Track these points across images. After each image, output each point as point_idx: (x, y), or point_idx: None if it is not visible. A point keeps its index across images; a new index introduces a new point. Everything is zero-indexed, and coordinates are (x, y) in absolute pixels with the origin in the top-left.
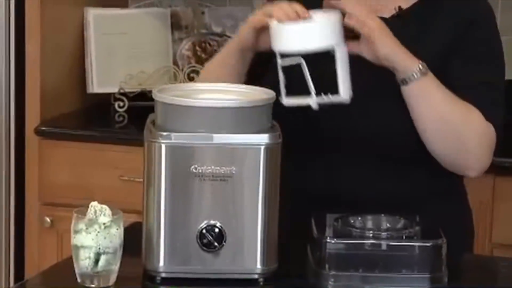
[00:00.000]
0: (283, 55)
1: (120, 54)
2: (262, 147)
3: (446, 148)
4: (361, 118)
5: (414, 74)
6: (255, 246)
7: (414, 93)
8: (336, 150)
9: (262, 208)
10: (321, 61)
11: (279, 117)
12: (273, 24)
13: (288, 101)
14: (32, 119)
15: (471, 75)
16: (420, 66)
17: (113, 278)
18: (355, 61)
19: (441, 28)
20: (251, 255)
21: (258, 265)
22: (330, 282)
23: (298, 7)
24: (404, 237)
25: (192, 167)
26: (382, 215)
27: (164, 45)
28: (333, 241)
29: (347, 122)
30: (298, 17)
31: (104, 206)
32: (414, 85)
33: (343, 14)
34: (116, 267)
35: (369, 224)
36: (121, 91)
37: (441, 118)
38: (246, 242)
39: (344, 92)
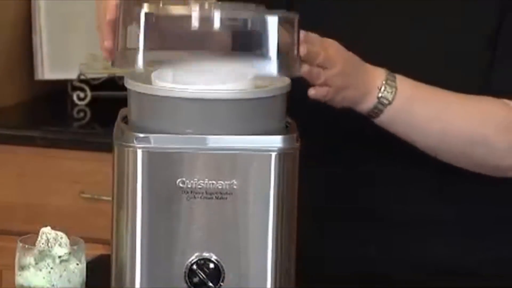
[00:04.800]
0: None
1: (80, 27)
2: (274, 154)
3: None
4: None
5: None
6: (264, 287)
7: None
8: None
9: (274, 235)
10: None
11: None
12: None
13: None
14: None
15: None
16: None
17: None
18: None
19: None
20: None
21: None
22: None
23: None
24: None
25: (179, 180)
26: None
27: None
28: None
29: None
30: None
31: (60, 234)
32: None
33: None
34: None
35: None
36: (82, 77)
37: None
38: (252, 281)
39: None
